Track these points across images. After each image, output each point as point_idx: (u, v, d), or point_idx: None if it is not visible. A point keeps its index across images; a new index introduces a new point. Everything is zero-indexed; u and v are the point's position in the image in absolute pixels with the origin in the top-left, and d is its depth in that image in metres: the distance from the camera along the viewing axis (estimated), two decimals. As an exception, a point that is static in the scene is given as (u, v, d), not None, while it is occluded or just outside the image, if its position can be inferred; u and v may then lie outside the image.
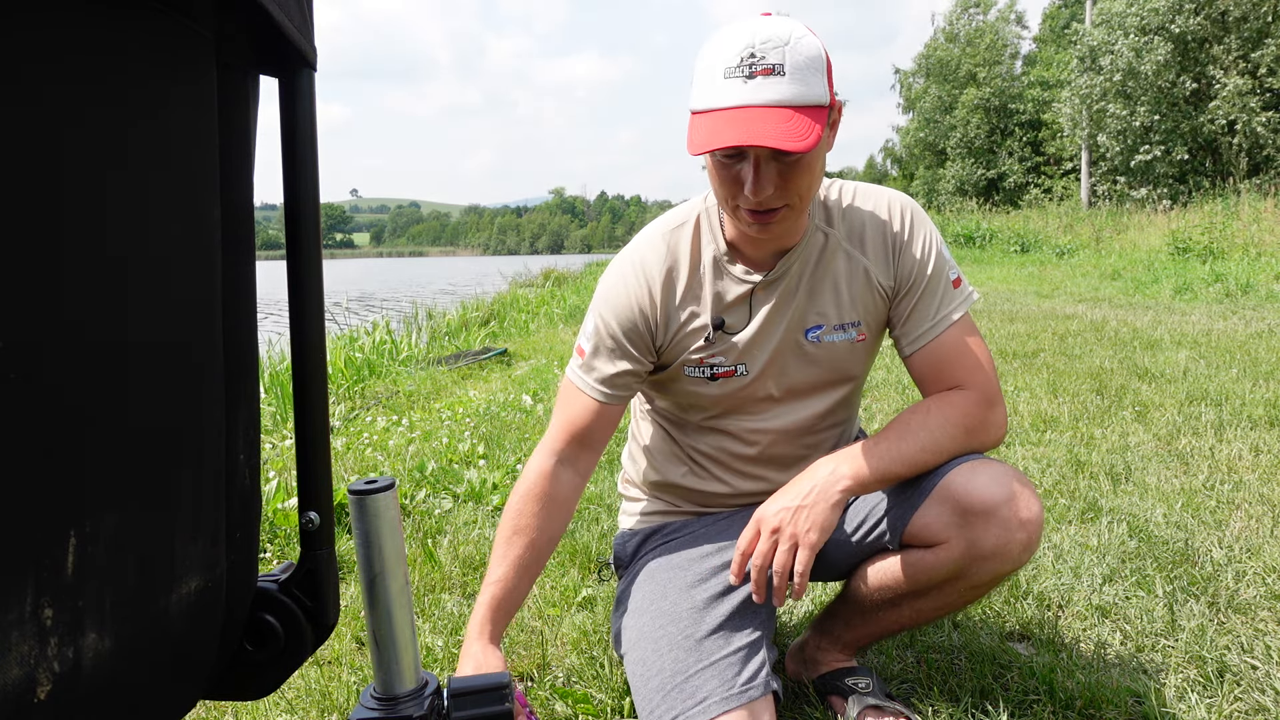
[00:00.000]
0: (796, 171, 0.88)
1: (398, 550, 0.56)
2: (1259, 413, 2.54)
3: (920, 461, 0.97)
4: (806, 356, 1.05)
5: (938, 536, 0.96)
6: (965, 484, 0.94)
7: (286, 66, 0.49)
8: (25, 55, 0.33)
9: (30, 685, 0.35)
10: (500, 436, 2.73)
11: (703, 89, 0.87)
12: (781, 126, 0.82)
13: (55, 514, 0.36)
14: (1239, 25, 13.36)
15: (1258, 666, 1.16)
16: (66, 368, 0.36)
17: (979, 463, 0.96)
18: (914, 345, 1.02)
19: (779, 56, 0.84)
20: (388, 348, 5.34)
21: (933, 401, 1.00)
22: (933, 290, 1.02)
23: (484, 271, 15.25)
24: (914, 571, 0.99)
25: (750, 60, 0.83)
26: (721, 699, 0.91)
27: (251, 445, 0.52)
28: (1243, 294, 5.99)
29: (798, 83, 0.84)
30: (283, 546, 1.83)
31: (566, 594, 1.52)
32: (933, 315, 1.01)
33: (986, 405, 0.99)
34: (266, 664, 0.53)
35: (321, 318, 0.52)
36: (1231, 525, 1.69)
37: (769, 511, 0.96)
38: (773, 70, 0.83)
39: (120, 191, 0.39)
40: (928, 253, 1.02)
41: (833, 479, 0.94)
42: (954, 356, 1.01)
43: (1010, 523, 0.92)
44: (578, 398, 1.04)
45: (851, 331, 1.04)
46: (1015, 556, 0.93)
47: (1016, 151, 20.93)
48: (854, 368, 1.07)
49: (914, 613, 1.02)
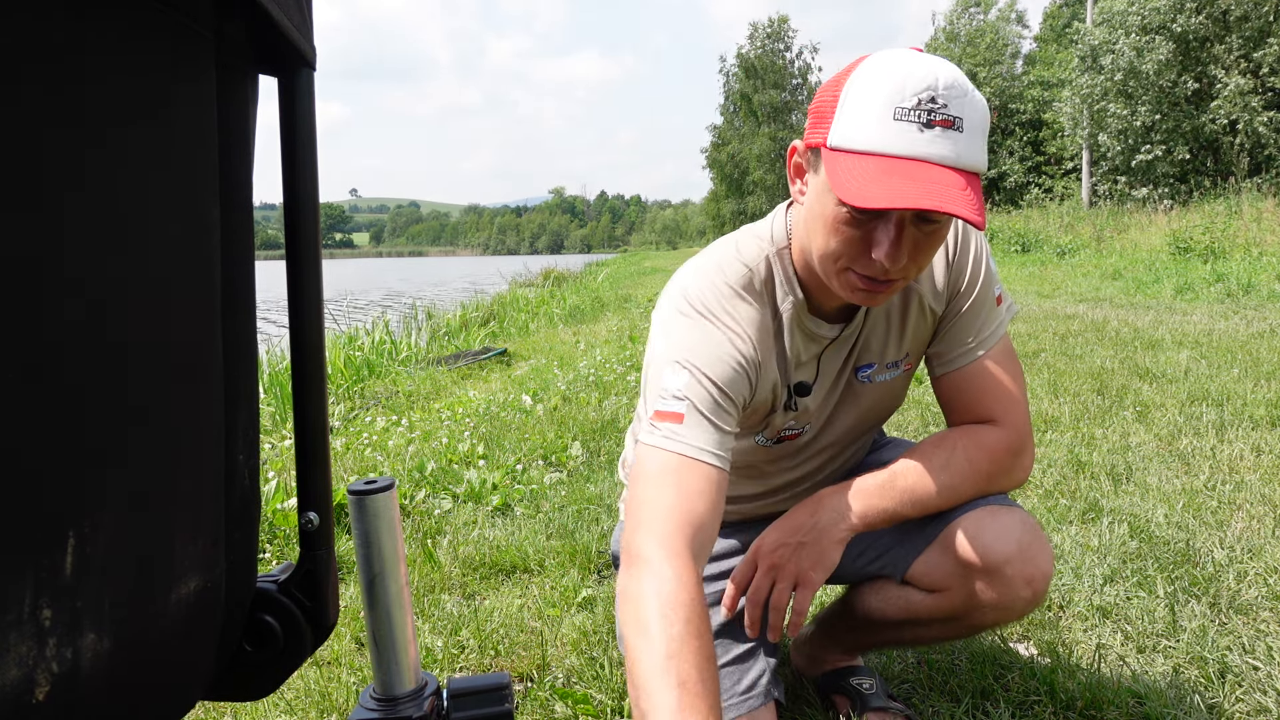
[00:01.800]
0: (932, 243, 0.77)
1: (397, 551, 0.56)
2: (1260, 413, 2.54)
3: (934, 506, 0.90)
4: (855, 398, 0.96)
5: (939, 584, 0.92)
6: (973, 537, 0.88)
7: (286, 66, 0.49)
8: (25, 55, 0.33)
9: (29, 686, 0.35)
10: (500, 437, 2.73)
11: (861, 124, 0.72)
12: (963, 193, 0.70)
13: (54, 514, 0.36)
14: (1240, 24, 13.34)
15: (1259, 667, 1.16)
16: (66, 368, 0.36)
17: (990, 512, 0.90)
18: (946, 368, 0.93)
19: (960, 109, 0.71)
20: (387, 348, 5.34)
21: (960, 438, 0.90)
22: (976, 310, 0.91)
23: (489, 270, 15.31)
24: (914, 608, 0.96)
25: (931, 106, 0.70)
26: (723, 707, 0.90)
27: (251, 445, 0.52)
28: (1244, 294, 5.98)
29: (974, 145, 0.72)
30: (282, 547, 1.83)
31: (566, 594, 1.52)
32: (972, 337, 0.91)
33: (1017, 450, 0.90)
34: (266, 664, 0.53)
35: (321, 317, 0.52)
36: (1233, 526, 1.69)
37: (767, 545, 0.90)
38: (953, 124, 0.71)
39: (119, 191, 0.39)
40: (978, 270, 0.92)
41: (838, 518, 0.88)
42: (988, 385, 0.91)
43: (1015, 581, 0.87)
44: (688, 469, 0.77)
45: (901, 366, 0.96)
46: (1019, 611, 0.89)
47: (1017, 151, 20.91)
48: (897, 402, 1.00)
49: (914, 636, 1.00)
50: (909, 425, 2.65)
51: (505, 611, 1.46)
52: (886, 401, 0.98)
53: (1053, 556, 0.90)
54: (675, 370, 0.82)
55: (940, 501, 0.89)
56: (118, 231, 0.39)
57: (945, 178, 0.70)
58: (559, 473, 2.37)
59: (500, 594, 1.56)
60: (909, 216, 0.74)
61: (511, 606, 1.48)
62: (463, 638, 1.37)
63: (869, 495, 0.89)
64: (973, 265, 0.91)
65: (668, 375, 0.83)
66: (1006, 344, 0.93)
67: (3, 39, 0.31)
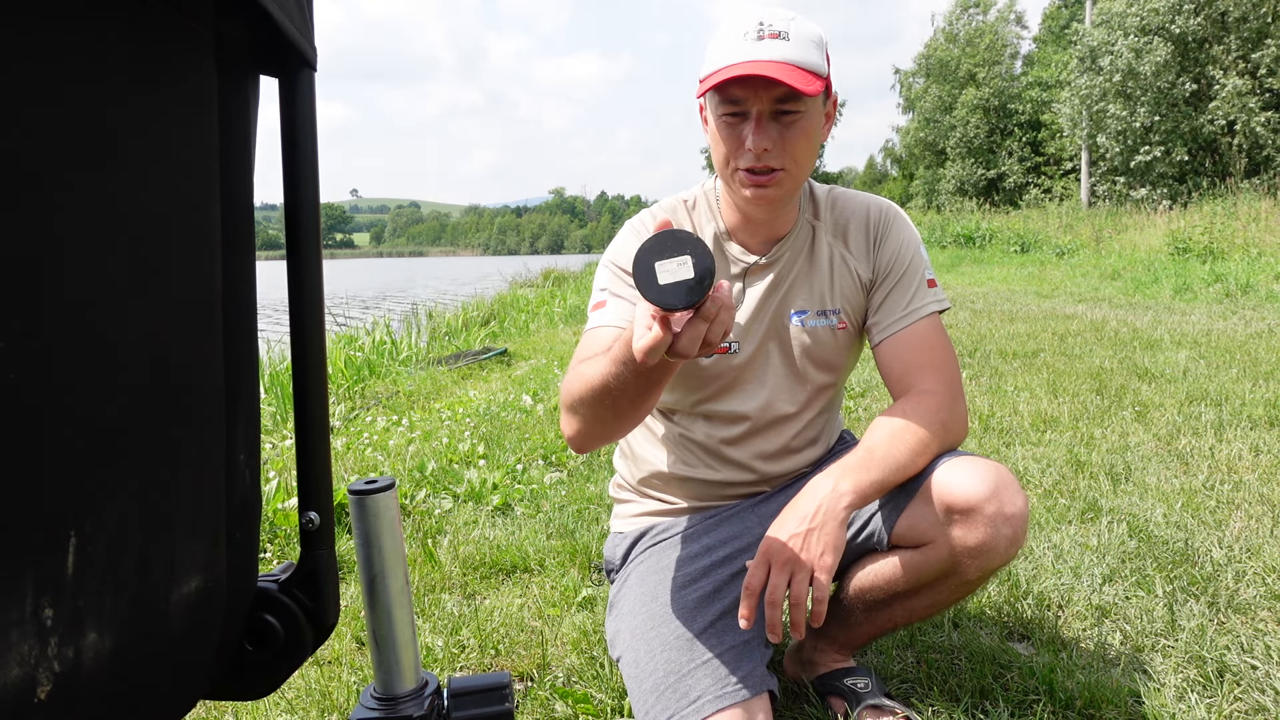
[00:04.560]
0: (795, 133, 0.95)
1: (398, 550, 0.56)
2: (1259, 413, 2.54)
3: (913, 465, 0.97)
4: (791, 339, 1.09)
5: (924, 536, 0.97)
6: (948, 483, 0.95)
7: (286, 67, 0.49)
8: (25, 55, 0.33)
9: (31, 685, 0.35)
10: (500, 436, 2.73)
11: (714, 53, 0.95)
12: (787, 71, 0.90)
13: (56, 515, 0.36)
14: (1239, 26, 13.35)
15: (1257, 666, 1.16)
16: (67, 368, 0.36)
17: (961, 460, 0.97)
18: (884, 333, 1.06)
19: (785, 25, 0.93)
20: (388, 348, 5.34)
21: (908, 405, 1.01)
22: (906, 284, 1.07)
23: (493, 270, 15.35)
24: (903, 571, 0.99)
25: (759, 28, 0.93)
26: (715, 698, 0.91)
27: (252, 445, 0.52)
28: (1242, 294, 5.99)
29: (801, 49, 0.92)
30: (283, 546, 1.83)
31: (566, 594, 1.52)
32: (904, 306, 1.06)
33: (954, 399, 1.01)
34: (267, 664, 0.53)
35: (321, 317, 0.52)
36: (1231, 525, 1.69)
37: (777, 542, 0.92)
38: (779, 35, 0.92)
39: (120, 192, 0.39)
40: (905, 248, 1.08)
41: (835, 496, 0.92)
42: (921, 348, 1.04)
43: (995, 519, 0.92)
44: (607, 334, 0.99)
45: (832, 318, 1.09)
46: (1003, 552, 0.93)
47: (1016, 152, 20.93)
48: (834, 357, 1.11)
49: (907, 611, 1.02)
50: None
51: (505, 611, 1.46)
52: (828, 351, 1.10)
53: (1027, 499, 0.96)
54: (602, 271, 1.07)
55: (917, 459, 0.97)
56: (117, 232, 0.39)
57: (773, 66, 0.90)
58: (559, 472, 2.37)
59: (500, 593, 1.57)
60: (765, 112, 0.94)
61: (512, 606, 1.48)
62: (463, 637, 1.37)
63: (856, 470, 0.94)
64: (900, 244, 1.08)
65: (598, 277, 1.07)
66: (937, 321, 1.07)
67: (2, 39, 0.31)
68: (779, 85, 0.92)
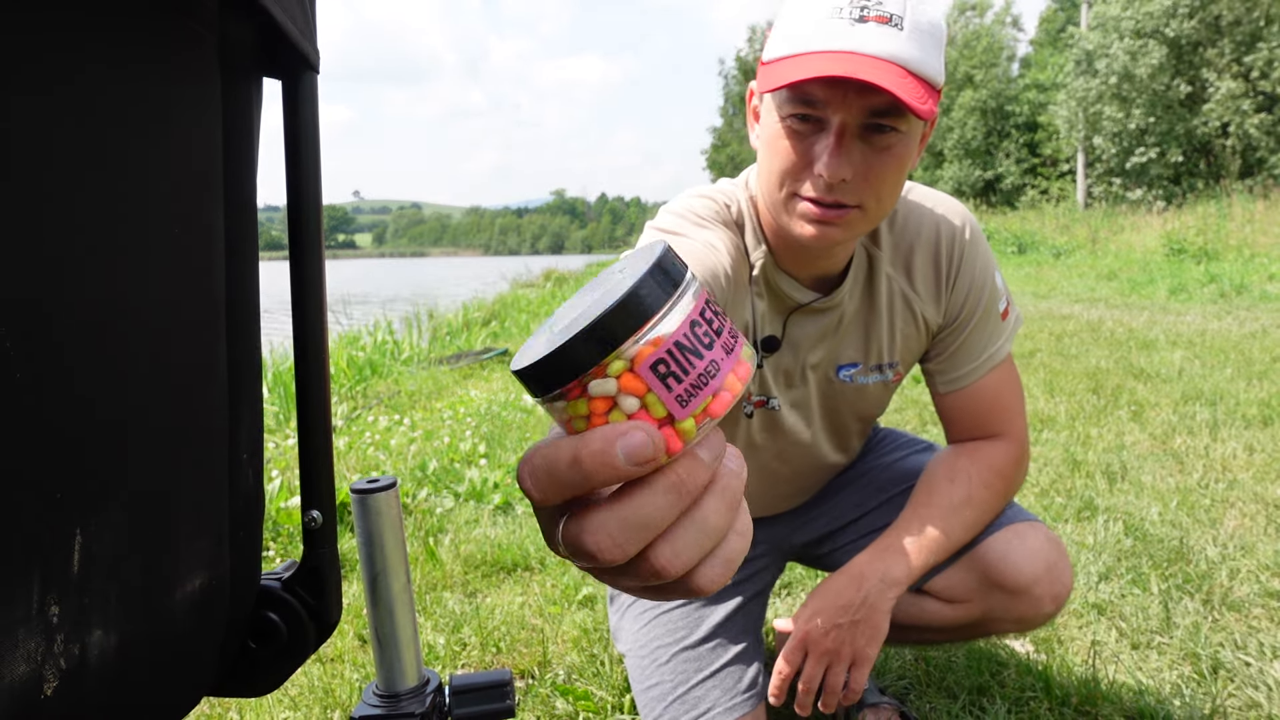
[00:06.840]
0: (886, 162, 0.69)
1: (400, 549, 0.56)
2: (1253, 412, 2.55)
3: (965, 542, 0.89)
4: (834, 395, 0.91)
5: (959, 597, 0.92)
6: (1001, 560, 0.87)
7: (289, 69, 0.50)
8: (25, 56, 0.33)
9: (37, 682, 0.36)
10: (501, 436, 2.74)
11: (790, 32, 0.67)
12: (894, 75, 0.63)
13: (61, 511, 0.37)
14: (1232, 29, 13.40)
15: (1251, 663, 1.17)
16: (72, 368, 0.37)
17: (1015, 532, 0.89)
18: (952, 386, 0.90)
19: (899, 7, 0.65)
20: (389, 348, 5.34)
21: (970, 466, 0.89)
22: (982, 326, 0.88)
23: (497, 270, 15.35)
24: (926, 616, 0.95)
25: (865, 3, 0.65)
26: (726, 708, 0.91)
27: (255, 445, 0.52)
28: (1237, 294, 6.01)
29: (917, 44, 0.65)
30: (286, 545, 1.84)
31: (567, 592, 1.52)
32: (977, 356, 0.88)
33: (1021, 460, 0.91)
34: (270, 661, 0.53)
35: (324, 318, 0.52)
36: (1226, 523, 1.70)
37: (817, 631, 0.85)
38: (889, 19, 0.65)
39: (122, 194, 0.39)
40: (981, 285, 0.86)
41: (884, 587, 0.84)
42: (993, 401, 0.89)
43: (1043, 599, 0.88)
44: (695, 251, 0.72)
45: (888, 373, 0.91)
46: (1038, 624, 0.90)
47: (1013, 153, 20.97)
48: (879, 409, 0.97)
49: (919, 639, 1.00)
50: (907, 425, 2.66)
51: (506, 609, 1.46)
52: (873, 405, 0.95)
53: (1072, 574, 0.90)
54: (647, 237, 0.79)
55: (970, 537, 0.89)
56: (119, 235, 0.39)
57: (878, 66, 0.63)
58: (557, 473, 2.37)
59: (501, 591, 1.57)
60: (852, 125, 0.67)
61: (513, 604, 1.49)
62: (464, 635, 1.37)
63: (905, 555, 0.86)
64: (976, 281, 0.86)
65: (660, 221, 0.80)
66: (1009, 360, 0.91)
67: (3, 41, 0.32)
68: (879, 93, 0.64)
